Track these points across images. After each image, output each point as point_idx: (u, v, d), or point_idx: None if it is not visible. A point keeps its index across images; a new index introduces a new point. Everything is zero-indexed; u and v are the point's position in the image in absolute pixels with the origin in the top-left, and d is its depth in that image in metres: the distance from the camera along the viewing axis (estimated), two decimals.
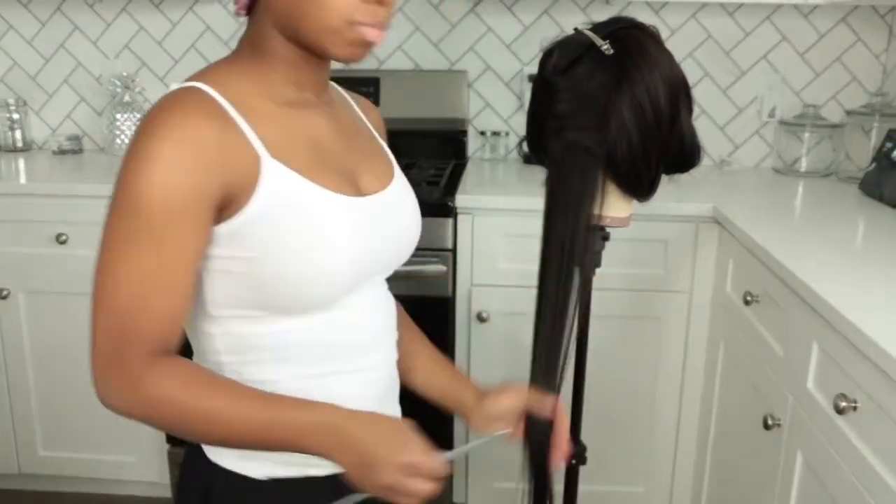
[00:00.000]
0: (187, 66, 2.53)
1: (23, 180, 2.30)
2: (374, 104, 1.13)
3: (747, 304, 1.69)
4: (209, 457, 0.91)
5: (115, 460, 2.29)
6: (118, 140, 2.55)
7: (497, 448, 1.13)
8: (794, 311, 1.47)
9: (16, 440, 2.30)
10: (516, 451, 1.06)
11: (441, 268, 2.03)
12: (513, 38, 2.51)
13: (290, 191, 0.82)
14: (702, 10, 2.43)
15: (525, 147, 1.25)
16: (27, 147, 2.65)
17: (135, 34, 2.58)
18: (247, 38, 0.88)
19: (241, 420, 0.79)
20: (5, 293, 2.18)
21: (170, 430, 0.83)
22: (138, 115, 2.53)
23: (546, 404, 1.02)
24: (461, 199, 2.03)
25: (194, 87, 0.81)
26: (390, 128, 1.15)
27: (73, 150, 2.59)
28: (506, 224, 2.01)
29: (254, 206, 0.80)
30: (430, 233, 2.02)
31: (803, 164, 2.41)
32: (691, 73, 2.37)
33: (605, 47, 1.10)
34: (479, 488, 2.21)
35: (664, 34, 1.17)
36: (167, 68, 2.58)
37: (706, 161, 1.28)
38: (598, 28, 1.14)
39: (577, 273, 1.14)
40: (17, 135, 2.61)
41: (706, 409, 2.04)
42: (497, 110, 2.57)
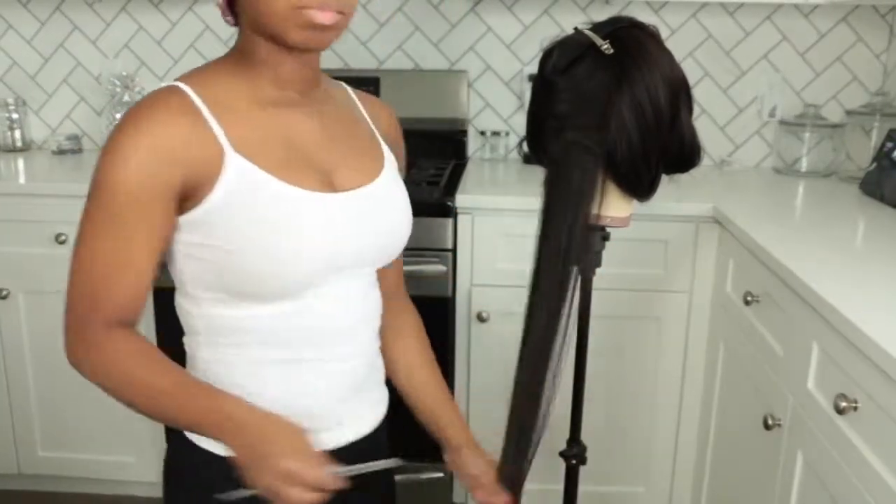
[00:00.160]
0: (187, 65, 2.50)
1: (22, 180, 2.30)
2: None
3: (747, 304, 1.69)
4: (184, 432, 0.98)
5: (115, 460, 2.29)
6: None
7: (498, 448, 1.13)
8: (794, 311, 1.46)
9: (15, 440, 2.30)
10: None
11: (441, 268, 2.03)
12: (513, 37, 2.50)
13: (251, 185, 0.87)
14: (702, 9, 2.43)
15: (525, 147, 1.25)
16: (26, 147, 2.65)
17: (134, 34, 2.58)
18: (237, 41, 0.94)
19: (162, 397, 0.88)
20: (5, 293, 2.18)
21: (115, 396, 0.89)
22: None
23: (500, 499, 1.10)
24: (461, 199, 2.03)
25: (174, 87, 0.88)
26: None
27: (72, 149, 2.58)
28: (506, 224, 2.01)
29: (214, 197, 0.86)
30: (430, 233, 2.02)
31: (804, 164, 2.41)
32: (691, 72, 2.37)
33: (606, 47, 1.10)
34: None
35: (664, 34, 1.16)
36: (167, 68, 2.58)
37: (706, 161, 1.28)
38: (598, 28, 1.14)
39: (575, 273, 1.14)
40: (17, 134, 2.61)
41: (706, 410, 2.04)
42: (497, 110, 2.56)
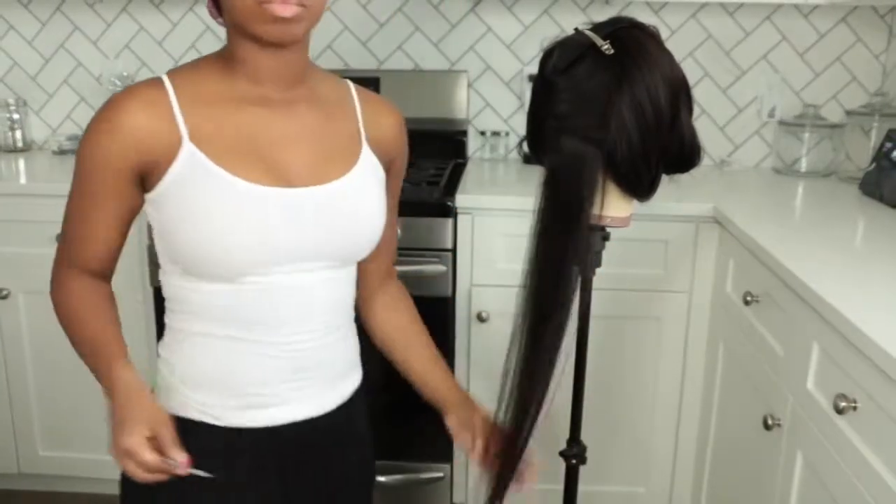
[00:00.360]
0: None
1: (23, 180, 2.30)
2: None
3: (747, 304, 1.69)
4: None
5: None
6: None
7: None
8: (794, 311, 1.46)
9: (16, 440, 2.30)
10: None
11: (441, 268, 2.03)
12: (513, 37, 2.51)
13: (198, 173, 0.94)
14: (702, 9, 2.43)
15: (525, 147, 1.25)
16: (27, 147, 2.65)
17: (135, 34, 2.58)
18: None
19: (83, 345, 1.02)
20: (5, 293, 2.18)
21: (67, 335, 1.04)
22: None
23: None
24: (461, 199, 2.03)
25: (156, 79, 0.98)
26: None
27: (73, 150, 2.58)
28: (506, 224, 2.01)
29: (166, 180, 0.95)
30: (430, 233, 2.03)
31: (803, 165, 2.41)
32: (691, 73, 2.37)
33: (606, 47, 1.10)
34: (480, 488, 2.20)
35: (664, 34, 1.17)
36: (167, 68, 2.56)
37: (706, 161, 1.28)
38: (598, 28, 1.14)
39: (576, 273, 1.14)
40: (18, 135, 2.61)
41: (706, 410, 2.04)
42: (497, 110, 2.57)
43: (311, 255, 1.01)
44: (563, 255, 1.16)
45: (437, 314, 2.07)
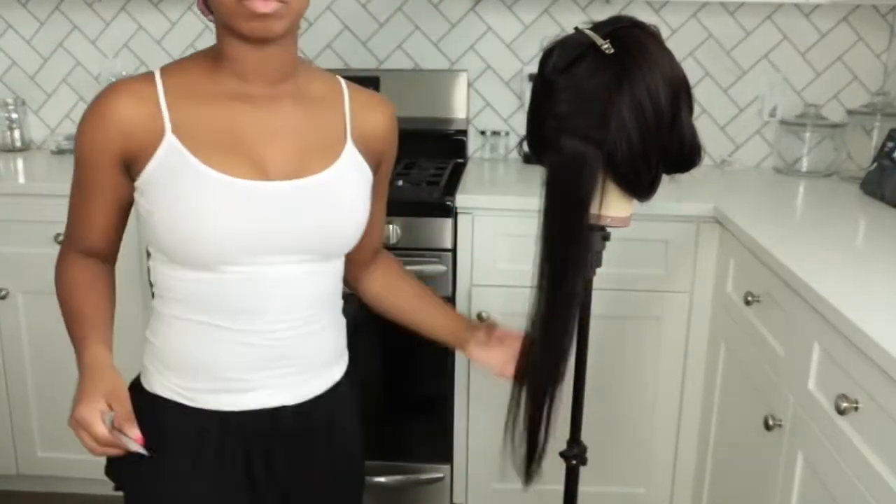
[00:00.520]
0: None
1: (21, 180, 2.30)
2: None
3: (748, 304, 1.69)
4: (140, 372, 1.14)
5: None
6: None
7: (497, 449, 1.12)
8: (795, 311, 1.46)
9: (14, 441, 2.29)
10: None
11: (441, 268, 2.03)
12: (513, 37, 2.50)
13: (177, 164, 0.98)
14: (702, 9, 2.42)
15: (525, 147, 1.25)
16: (26, 147, 2.64)
17: (134, 33, 2.58)
18: None
19: (67, 318, 1.06)
20: (4, 293, 2.18)
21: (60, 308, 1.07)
22: None
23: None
24: (461, 199, 2.03)
25: (148, 73, 1.02)
26: None
27: (71, 149, 2.56)
28: (506, 224, 2.01)
29: (148, 169, 0.99)
30: (430, 233, 2.02)
31: (804, 164, 2.41)
32: (692, 72, 2.36)
33: (606, 46, 1.09)
34: (479, 488, 2.20)
35: (665, 33, 1.16)
36: None
37: (707, 161, 1.28)
38: (598, 27, 1.14)
39: (579, 274, 1.14)
40: (16, 134, 2.60)
41: (707, 410, 2.04)
42: (497, 110, 2.56)
43: (289, 248, 1.03)
44: (564, 255, 1.16)
45: None
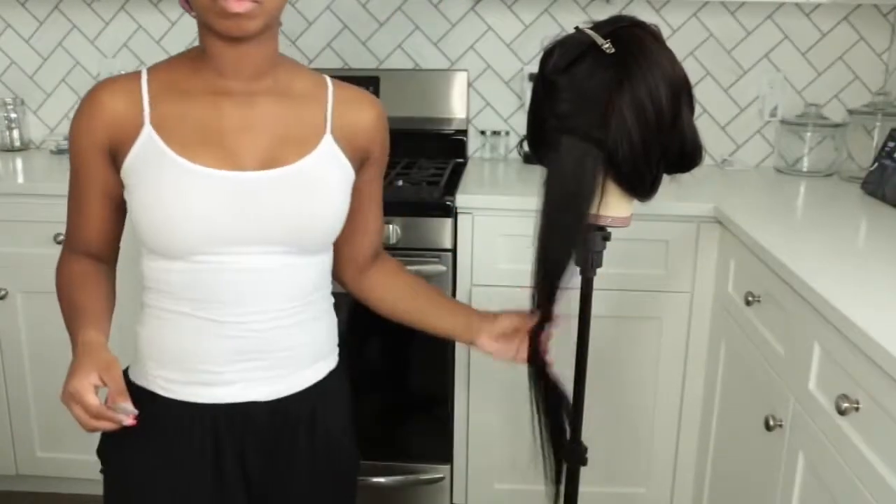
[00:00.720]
0: None
1: (21, 180, 2.29)
2: None
3: (749, 304, 1.68)
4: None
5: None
6: None
7: (498, 449, 1.12)
8: (795, 311, 1.46)
9: (13, 441, 2.29)
10: (516, 452, 1.06)
11: (441, 268, 2.02)
12: (513, 37, 2.50)
13: (152, 155, 1.01)
14: (703, 8, 2.42)
15: (525, 146, 1.25)
16: (25, 146, 2.64)
17: (133, 33, 2.58)
18: None
19: (64, 310, 1.07)
20: (3, 293, 2.17)
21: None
22: None
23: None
24: (461, 199, 2.02)
25: (136, 71, 1.06)
26: (389, 127, 1.15)
27: None
28: (506, 224, 2.01)
29: (128, 161, 1.02)
30: (430, 233, 2.02)
31: (805, 164, 2.40)
32: (692, 72, 2.36)
33: (607, 46, 1.09)
34: (479, 488, 2.20)
35: (665, 33, 1.16)
36: None
37: (707, 161, 1.27)
38: (599, 27, 1.13)
39: (577, 273, 1.14)
40: (15, 134, 2.60)
41: (707, 410, 2.04)
42: (497, 110, 2.56)
43: (261, 239, 1.03)
44: (562, 254, 1.16)
45: None
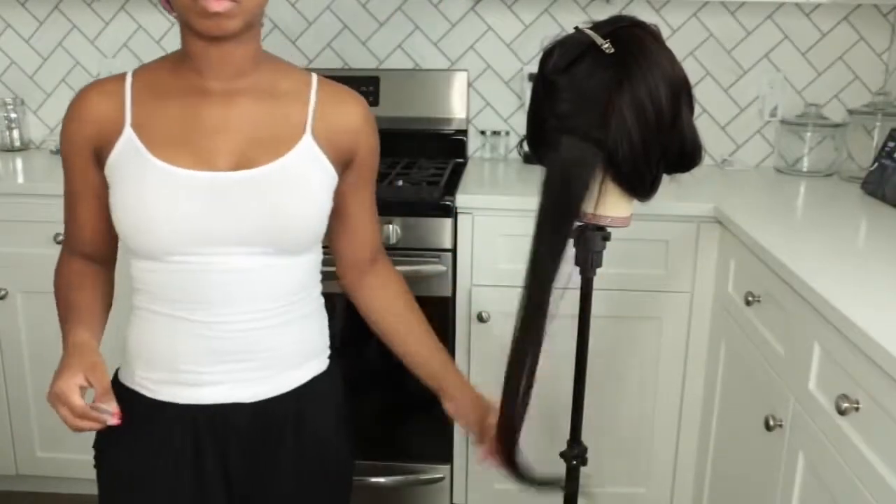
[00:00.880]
0: None
1: (21, 180, 2.29)
2: (374, 103, 1.14)
3: (749, 304, 1.68)
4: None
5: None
6: None
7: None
8: (795, 311, 1.46)
9: (13, 441, 2.29)
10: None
11: (441, 268, 2.02)
12: (513, 37, 2.50)
13: (131, 156, 1.02)
14: (703, 8, 2.42)
15: (525, 146, 1.25)
16: (25, 146, 2.64)
17: (133, 33, 2.58)
18: None
19: (58, 311, 1.08)
20: (3, 293, 2.17)
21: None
22: None
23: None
24: (461, 199, 2.02)
25: (122, 73, 1.07)
26: (389, 127, 1.15)
27: None
28: (506, 224, 2.00)
29: (109, 160, 1.04)
30: (430, 233, 2.02)
31: (805, 164, 2.40)
32: (692, 72, 2.36)
33: (606, 46, 1.09)
34: (479, 489, 2.20)
35: (665, 33, 1.16)
36: None
37: (707, 160, 1.27)
38: (598, 27, 1.13)
39: (577, 273, 1.14)
40: (15, 134, 2.60)
41: (707, 410, 2.04)
42: (497, 110, 2.56)
43: (238, 240, 1.03)
44: (555, 252, 1.16)
45: (437, 314, 2.06)
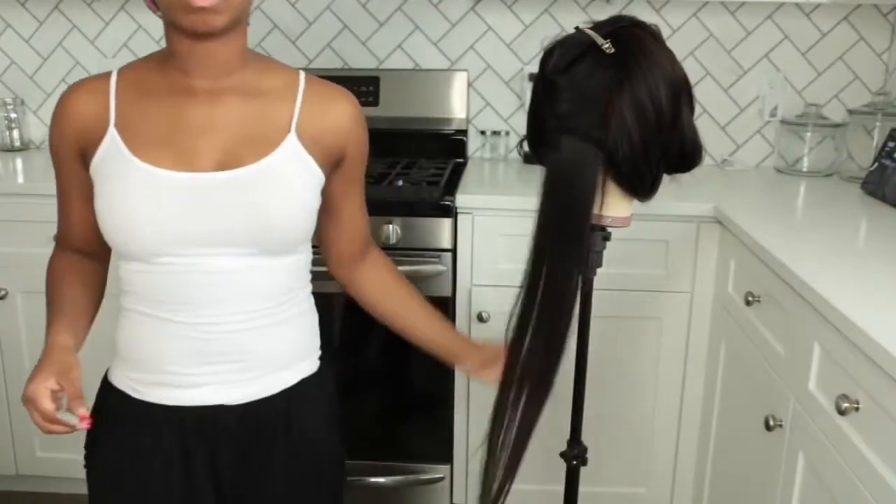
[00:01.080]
0: None
1: (21, 180, 2.29)
2: (374, 103, 1.14)
3: (749, 304, 1.68)
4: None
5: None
6: None
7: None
8: (795, 311, 1.46)
9: (13, 441, 2.29)
10: None
11: (441, 268, 2.02)
12: (513, 37, 2.50)
13: (113, 157, 1.01)
14: (703, 8, 2.42)
15: (525, 146, 1.25)
16: (25, 147, 2.64)
17: (133, 33, 2.58)
18: None
19: (47, 306, 1.08)
20: (3, 293, 2.17)
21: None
22: None
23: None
24: (461, 199, 2.02)
25: (108, 71, 1.05)
26: (389, 127, 1.15)
27: None
28: (506, 224, 2.01)
29: (93, 163, 1.03)
30: (430, 233, 2.02)
31: (805, 164, 2.40)
32: (692, 72, 2.36)
33: (607, 46, 1.09)
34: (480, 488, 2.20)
35: (665, 33, 1.16)
36: None
37: (707, 160, 1.27)
38: (599, 27, 1.14)
39: (577, 275, 1.14)
40: (15, 134, 2.60)
41: (707, 410, 2.04)
42: (497, 110, 2.56)
43: (222, 241, 1.02)
44: (564, 256, 1.15)
45: None
